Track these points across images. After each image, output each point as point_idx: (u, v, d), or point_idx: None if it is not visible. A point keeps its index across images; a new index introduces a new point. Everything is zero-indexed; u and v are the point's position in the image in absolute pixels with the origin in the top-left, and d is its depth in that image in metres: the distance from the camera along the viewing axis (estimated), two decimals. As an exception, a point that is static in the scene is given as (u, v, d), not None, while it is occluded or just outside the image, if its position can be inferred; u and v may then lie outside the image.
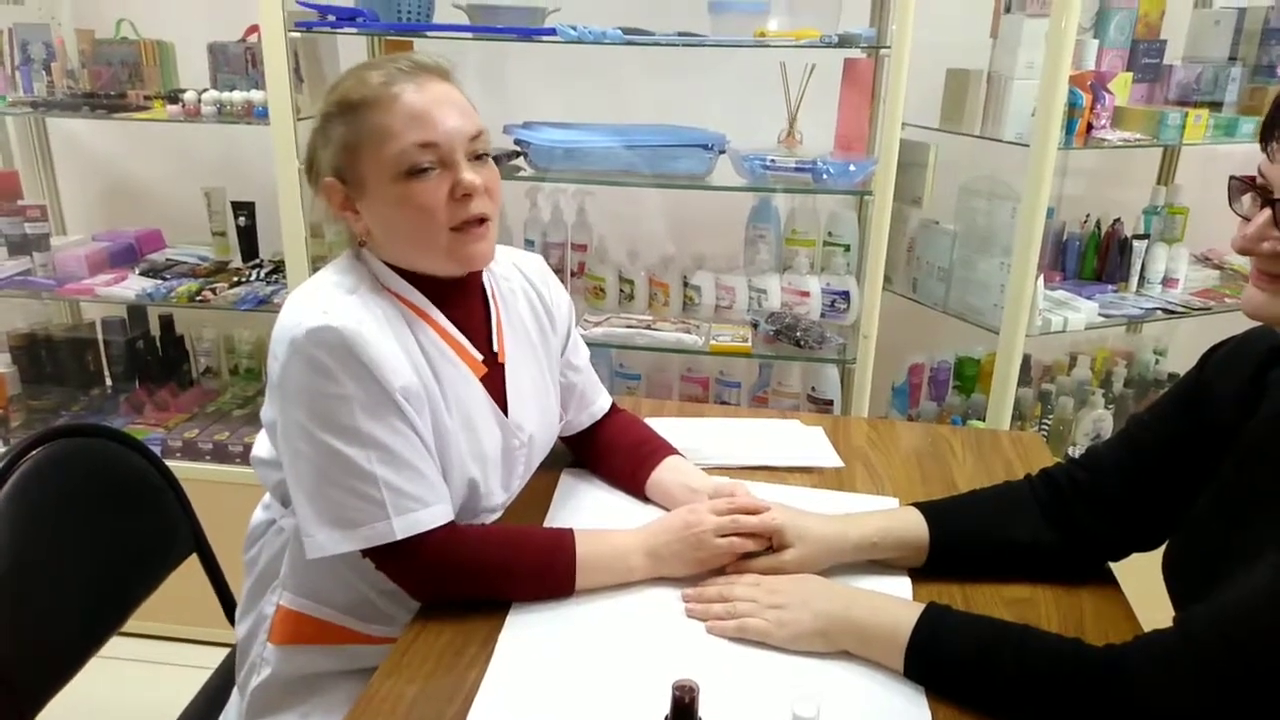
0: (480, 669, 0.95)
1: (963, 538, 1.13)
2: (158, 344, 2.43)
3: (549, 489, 1.29)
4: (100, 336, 2.43)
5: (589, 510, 1.25)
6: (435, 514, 1.02)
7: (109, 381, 2.46)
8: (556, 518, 1.23)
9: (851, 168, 1.85)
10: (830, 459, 1.41)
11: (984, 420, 2.11)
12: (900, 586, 1.10)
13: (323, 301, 1.02)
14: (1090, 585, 1.12)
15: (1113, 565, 1.15)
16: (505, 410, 1.16)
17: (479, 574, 1.03)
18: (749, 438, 1.47)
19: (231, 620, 1.27)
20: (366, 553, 1.02)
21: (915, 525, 1.12)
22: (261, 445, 1.16)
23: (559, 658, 0.97)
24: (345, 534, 1.00)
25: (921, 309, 2.25)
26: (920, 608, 0.96)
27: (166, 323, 2.41)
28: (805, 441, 1.47)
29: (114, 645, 1.27)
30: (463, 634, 1.00)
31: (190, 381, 2.46)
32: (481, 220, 1.05)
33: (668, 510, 1.22)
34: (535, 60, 2.21)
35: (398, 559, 1.02)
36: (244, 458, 2.15)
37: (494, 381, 1.15)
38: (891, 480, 1.37)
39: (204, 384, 2.46)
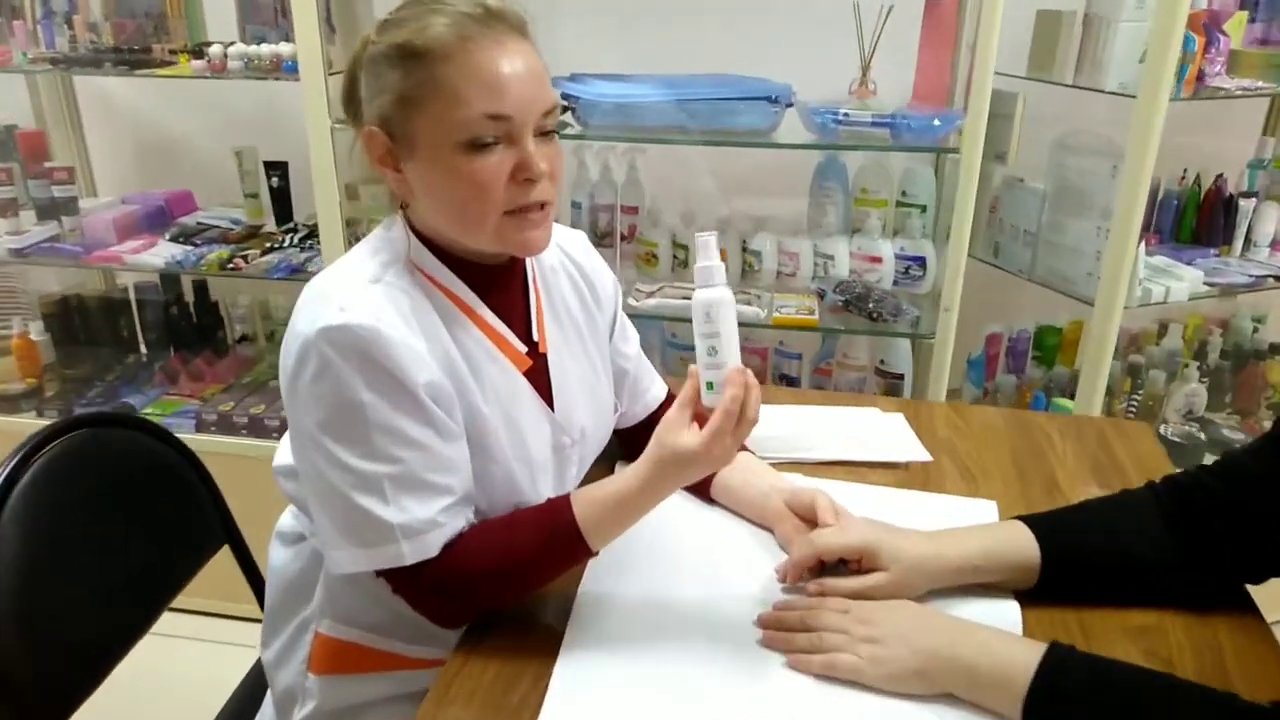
0: (533, 712, 0.84)
1: (1078, 556, 0.99)
2: (192, 310, 2.35)
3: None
4: (134, 303, 2.35)
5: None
6: (447, 533, 0.92)
7: (143, 349, 2.39)
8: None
9: (936, 121, 1.66)
10: (917, 452, 1.27)
11: (1071, 397, 1.94)
12: (1008, 612, 0.96)
13: (341, 295, 0.90)
14: (1224, 612, 0.98)
15: (1250, 588, 1.01)
16: (552, 405, 1.04)
17: (488, 578, 0.92)
18: (823, 428, 1.34)
19: (263, 605, 1.18)
20: (381, 574, 0.93)
21: (1023, 544, 0.98)
22: (284, 452, 1.04)
23: (618, 701, 0.85)
24: (362, 552, 0.91)
25: (1000, 275, 2.07)
26: (1041, 648, 0.83)
27: (200, 289, 2.33)
28: (886, 432, 1.33)
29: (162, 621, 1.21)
30: (511, 667, 0.89)
31: (226, 349, 2.38)
32: (541, 206, 0.92)
33: (738, 513, 1.12)
34: (584, 4, 2.04)
35: (405, 582, 0.93)
36: (280, 432, 2.06)
37: (538, 374, 1.03)
38: (985, 477, 1.23)
39: (240, 351, 2.38)
